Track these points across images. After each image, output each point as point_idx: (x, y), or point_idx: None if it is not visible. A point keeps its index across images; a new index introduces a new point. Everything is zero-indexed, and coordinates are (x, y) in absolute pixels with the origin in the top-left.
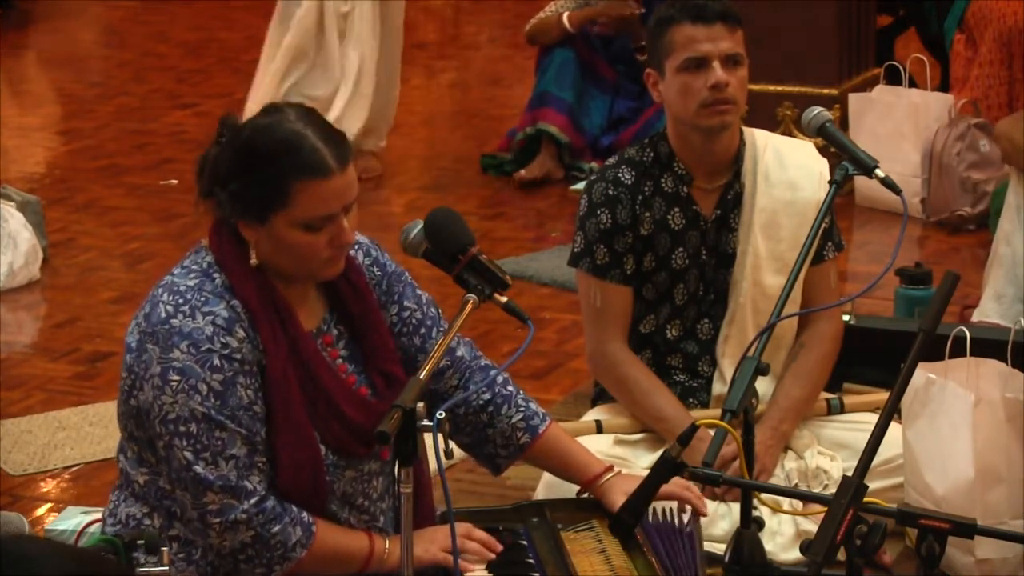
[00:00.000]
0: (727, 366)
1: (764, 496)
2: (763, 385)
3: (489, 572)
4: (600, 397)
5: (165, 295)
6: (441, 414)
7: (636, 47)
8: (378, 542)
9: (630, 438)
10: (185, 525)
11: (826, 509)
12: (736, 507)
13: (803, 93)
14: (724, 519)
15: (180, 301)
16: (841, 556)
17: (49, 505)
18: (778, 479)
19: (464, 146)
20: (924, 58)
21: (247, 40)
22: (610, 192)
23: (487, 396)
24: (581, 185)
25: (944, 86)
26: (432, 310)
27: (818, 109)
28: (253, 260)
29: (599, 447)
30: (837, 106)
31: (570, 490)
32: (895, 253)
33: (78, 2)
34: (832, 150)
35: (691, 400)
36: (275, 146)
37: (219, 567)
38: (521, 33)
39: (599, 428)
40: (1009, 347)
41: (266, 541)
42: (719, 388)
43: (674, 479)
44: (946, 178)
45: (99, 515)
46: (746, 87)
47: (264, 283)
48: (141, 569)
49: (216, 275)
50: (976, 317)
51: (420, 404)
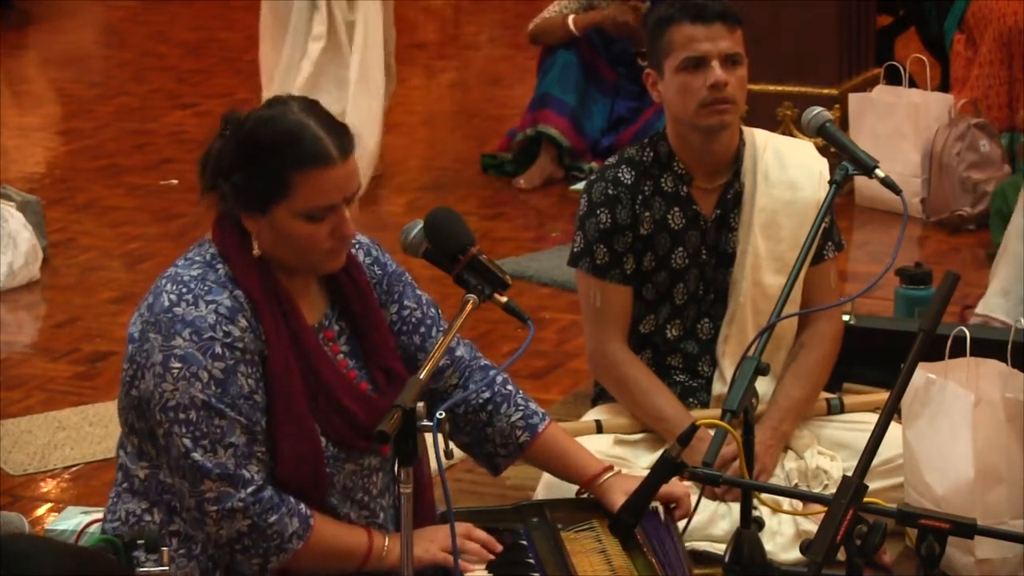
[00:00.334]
0: (727, 366)
1: (764, 496)
2: (763, 385)
3: (489, 572)
4: (600, 397)
5: (168, 285)
6: (441, 414)
7: (637, 51)
8: (377, 539)
9: (630, 438)
10: (184, 516)
11: (826, 509)
12: (736, 507)
13: (803, 93)
14: (724, 519)
15: (184, 290)
16: (841, 556)
17: (49, 505)
18: (778, 479)
19: (464, 146)
20: (924, 58)
21: (247, 40)
22: (610, 192)
23: (486, 395)
24: (581, 185)
25: (944, 86)
26: (432, 310)
27: (818, 109)
28: (256, 252)
29: (599, 447)
30: (837, 106)
31: (570, 490)
32: (895, 253)
33: (78, 2)
34: (832, 150)
35: (691, 400)
36: (277, 137)
37: (219, 561)
38: (521, 33)
39: (599, 428)
40: (1009, 347)
41: (262, 531)
42: (719, 388)
43: (674, 481)
44: (946, 178)
45: (99, 515)
46: (745, 87)
47: (267, 274)
48: (141, 569)
49: (219, 266)
50: (980, 310)
51: (420, 404)
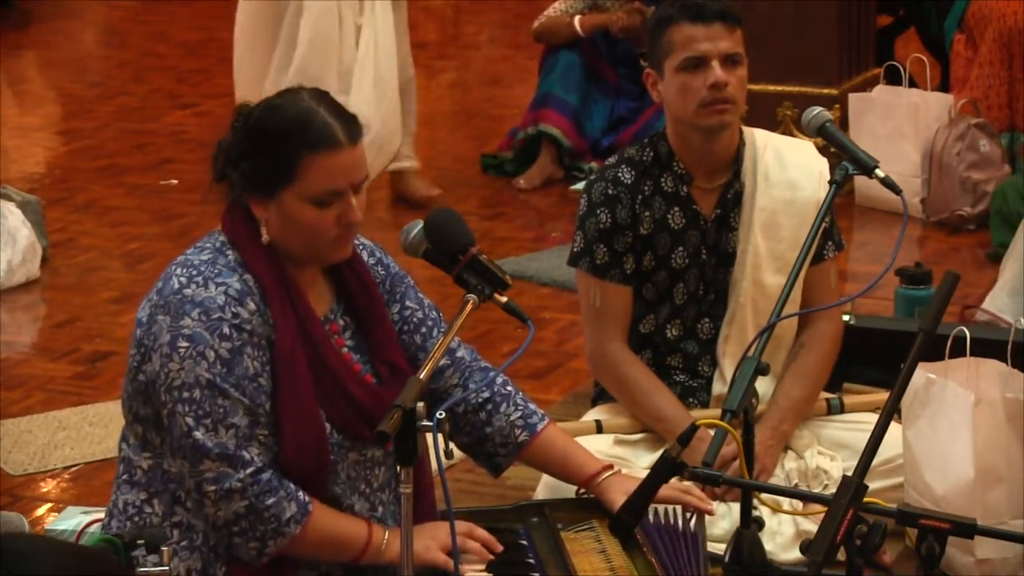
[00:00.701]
0: (727, 366)
1: (764, 496)
2: (763, 385)
3: (489, 572)
4: (600, 397)
5: (178, 269)
6: (441, 414)
7: (640, 52)
8: (377, 532)
9: (630, 438)
10: (185, 500)
11: (826, 509)
12: (736, 507)
13: (803, 93)
14: (724, 519)
15: (194, 272)
16: (841, 556)
17: (49, 505)
18: (778, 479)
19: (464, 146)
20: (924, 58)
21: None
22: (610, 191)
23: (486, 395)
24: (581, 185)
25: (944, 86)
26: (433, 313)
27: (818, 109)
28: (264, 238)
29: (599, 447)
30: (837, 106)
31: (570, 490)
32: (895, 253)
33: (78, 2)
34: (832, 150)
35: (691, 400)
36: (286, 122)
37: (221, 552)
38: (521, 33)
39: (599, 428)
40: (1009, 347)
41: (259, 513)
42: (719, 388)
43: (671, 482)
44: (946, 178)
45: (99, 515)
46: (745, 87)
47: (276, 261)
48: (141, 569)
49: (229, 252)
50: (987, 305)
51: (420, 404)
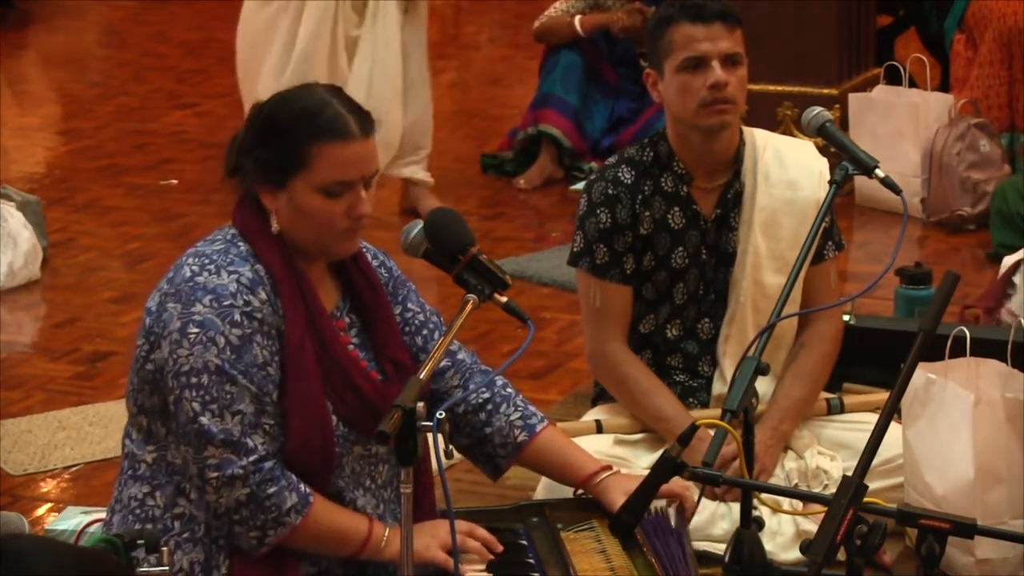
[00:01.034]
0: (727, 366)
1: (764, 496)
2: (763, 385)
3: (489, 572)
4: (600, 397)
5: (190, 259)
6: (441, 414)
7: (640, 52)
8: (377, 528)
9: (630, 438)
10: (189, 491)
11: (826, 509)
12: (736, 507)
13: (803, 93)
14: (724, 519)
15: (206, 261)
16: (841, 556)
17: (49, 505)
18: (778, 479)
19: (464, 146)
20: (924, 58)
21: None
22: (610, 191)
23: (486, 395)
24: (581, 185)
25: (944, 86)
26: (435, 317)
27: (818, 109)
28: (275, 227)
29: (599, 447)
30: (837, 106)
31: (570, 491)
32: (895, 253)
33: (78, 2)
34: (832, 150)
35: (691, 400)
36: (300, 111)
37: (222, 544)
38: (522, 33)
39: (599, 428)
40: (1009, 347)
41: (260, 501)
42: (719, 388)
43: (674, 479)
44: (946, 178)
45: (99, 515)
46: (745, 87)
47: (287, 253)
48: (141, 569)
49: (241, 243)
50: (1013, 306)
51: (420, 404)
